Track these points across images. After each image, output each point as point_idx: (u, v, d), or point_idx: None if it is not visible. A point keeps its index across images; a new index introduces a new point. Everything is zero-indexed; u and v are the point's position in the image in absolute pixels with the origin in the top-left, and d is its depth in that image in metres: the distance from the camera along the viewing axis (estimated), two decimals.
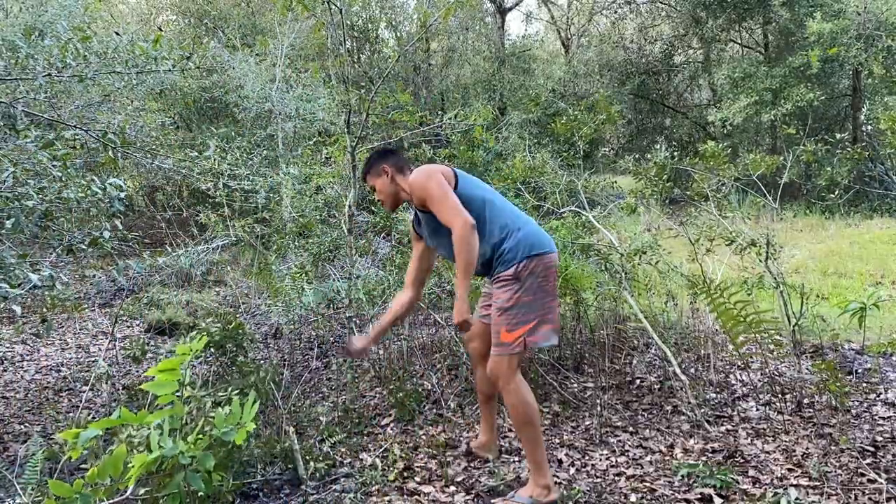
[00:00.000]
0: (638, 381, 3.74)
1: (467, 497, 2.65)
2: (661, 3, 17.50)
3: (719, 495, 2.53)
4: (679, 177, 8.35)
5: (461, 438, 3.21)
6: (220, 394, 2.73)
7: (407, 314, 3.01)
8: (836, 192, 10.46)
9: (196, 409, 2.41)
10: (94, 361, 4.86)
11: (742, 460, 2.83)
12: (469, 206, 2.51)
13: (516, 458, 2.98)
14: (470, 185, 2.63)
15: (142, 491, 2.17)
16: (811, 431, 3.07)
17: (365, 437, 3.29)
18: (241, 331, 3.57)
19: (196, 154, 4.34)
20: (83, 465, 2.74)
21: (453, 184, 2.57)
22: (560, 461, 2.93)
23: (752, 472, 2.71)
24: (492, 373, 2.57)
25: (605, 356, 3.94)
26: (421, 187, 2.53)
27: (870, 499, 2.46)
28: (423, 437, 3.26)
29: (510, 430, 3.26)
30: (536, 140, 13.54)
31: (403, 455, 3.01)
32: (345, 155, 5.88)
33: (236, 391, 2.76)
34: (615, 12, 18.55)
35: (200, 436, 2.16)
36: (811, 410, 3.31)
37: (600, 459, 2.93)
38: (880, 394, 3.52)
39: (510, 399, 2.54)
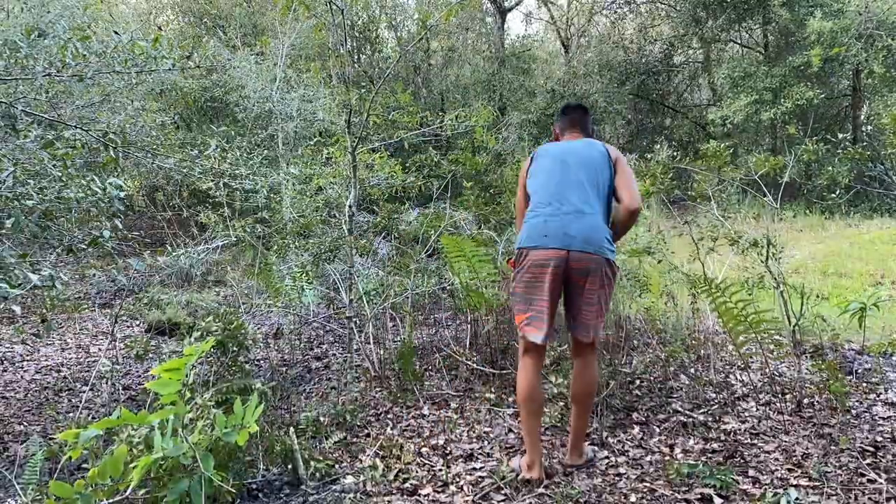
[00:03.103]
0: (638, 381, 3.74)
1: (467, 497, 2.65)
2: (661, 3, 17.49)
3: (719, 495, 2.53)
4: (679, 177, 8.35)
5: (462, 439, 3.21)
6: (223, 394, 2.73)
7: None
8: (837, 192, 10.46)
9: (198, 409, 2.41)
10: (94, 361, 4.86)
11: (742, 460, 2.83)
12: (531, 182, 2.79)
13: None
14: (539, 166, 2.80)
15: (142, 491, 2.17)
16: (811, 431, 3.07)
17: (365, 438, 3.29)
18: (242, 330, 3.57)
19: (196, 154, 4.35)
20: (84, 465, 2.74)
21: (528, 164, 2.85)
22: (560, 461, 2.93)
23: (752, 472, 2.71)
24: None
25: (605, 355, 3.94)
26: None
27: (870, 499, 2.46)
28: (424, 437, 3.26)
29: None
30: (536, 140, 13.54)
31: (403, 455, 3.01)
32: (345, 155, 5.89)
33: (237, 392, 2.76)
34: (615, 12, 18.55)
35: (202, 436, 2.16)
36: (811, 410, 3.31)
37: (600, 459, 2.93)
38: (880, 394, 3.52)
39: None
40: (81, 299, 6.66)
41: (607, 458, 2.94)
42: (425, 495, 2.67)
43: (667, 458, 2.91)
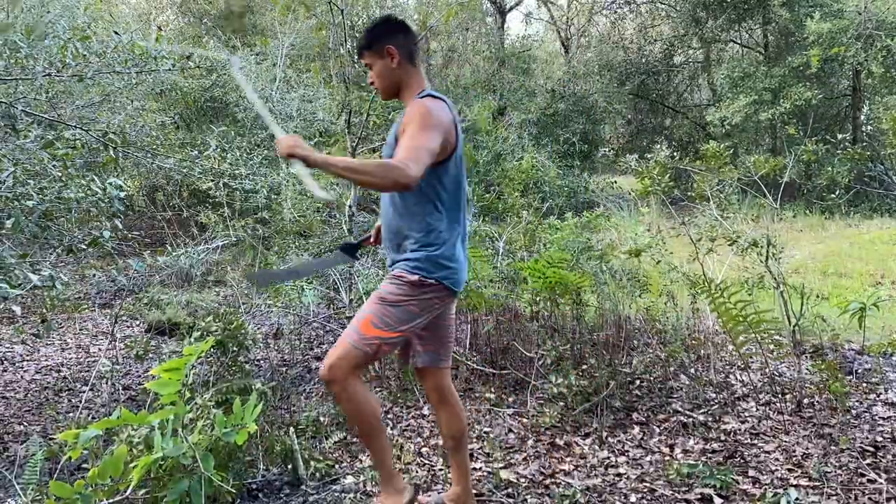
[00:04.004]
0: (638, 381, 3.74)
1: None
2: (661, 3, 17.50)
3: (719, 495, 2.53)
4: (679, 177, 8.35)
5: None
6: (223, 394, 2.73)
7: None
8: (837, 192, 10.47)
9: (198, 410, 2.41)
10: (94, 361, 4.86)
11: (742, 460, 2.83)
12: (442, 183, 2.13)
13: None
14: (455, 167, 2.18)
15: (142, 491, 2.17)
16: (811, 431, 3.07)
17: None
18: (242, 330, 3.57)
19: (196, 154, 4.35)
20: (84, 465, 2.74)
21: (451, 150, 2.14)
22: (561, 461, 2.93)
23: (752, 472, 2.71)
24: (327, 358, 2.12)
25: (605, 355, 3.94)
26: (414, 116, 2.05)
27: (870, 499, 2.46)
28: (424, 437, 3.26)
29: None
30: (535, 140, 13.54)
31: (403, 455, 3.01)
32: (345, 155, 5.89)
33: (237, 392, 2.76)
34: (615, 12, 18.55)
35: (202, 436, 2.16)
36: (811, 410, 3.31)
37: (600, 459, 2.93)
38: (880, 394, 3.52)
39: (346, 406, 2.13)
40: (81, 299, 6.66)
41: (607, 458, 2.95)
42: (425, 495, 2.67)
43: (667, 458, 2.91)
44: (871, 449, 2.86)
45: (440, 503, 2.44)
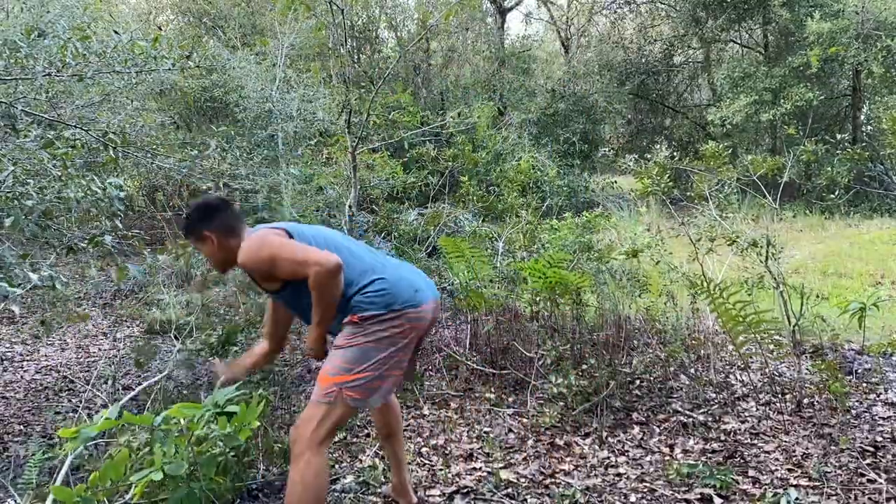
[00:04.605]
0: (638, 381, 3.74)
1: (466, 498, 2.65)
2: (661, 3, 17.49)
3: (719, 495, 2.53)
4: (679, 177, 8.35)
5: (462, 439, 3.21)
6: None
7: (265, 364, 2.59)
8: (836, 192, 10.46)
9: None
10: (94, 361, 4.86)
11: (742, 460, 2.83)
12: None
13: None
14: (309, 237, 2.18)
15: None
16: (811, 431, 3.07)
17: (365, 438, 3.29)
18: (242, 331, 3.57)
19: (196, 154, 4.34)
20: (84, 466, 2.74)
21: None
22: (561, 461, 2.93)
23: (752, 472, 2.71)
24: (294, 427, 2.11)
25: (605, 355, 3.94)
26: (255, 260, 2.11)
27: (870, 499, 2.46)
28: (424, 437, 3.26)
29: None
30: (535, 140, 13.54)
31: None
32: (345, 155, 5.89)
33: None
34: (615, 12, 18.54)
35: (202, 445, 2.15)
36: (811, 410, 3.31)
37: (600, 459, 2.93)
38: (880, 394, 3.52)
39: (295, 472, 2.05)
40: (81, 299, 6.65)
41: (607, 458, 2.95)
42: (425, 495, 2.67)
43: (667, 458, 2.91)
44: (871, 449, 2.86)
45: (387, 495, 2.64)
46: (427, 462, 2.99)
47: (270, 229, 2.18)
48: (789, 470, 2.72)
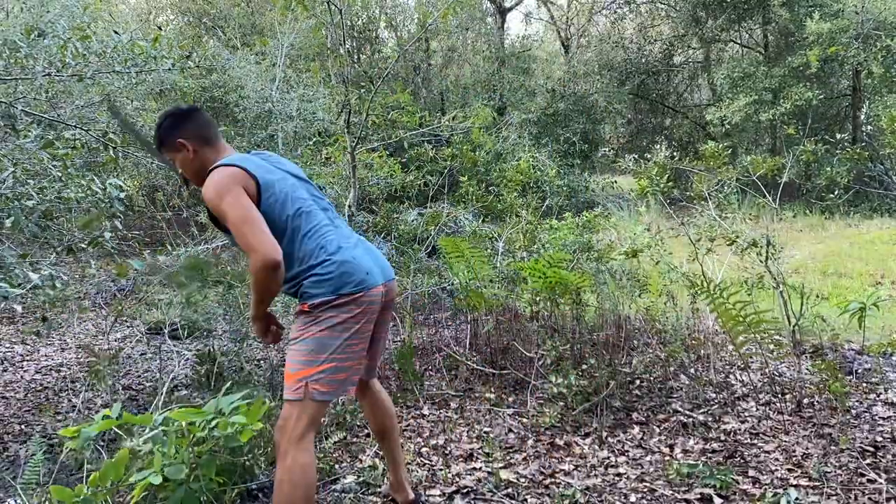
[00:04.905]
0: (638, 381, 3.74)
1: (466, 498, 2.65)
2: (661, 3, 17.49)
3: (719, 495, 2.53)
4: (678, 177, 8.35)
5: (462, 439, 3.21)
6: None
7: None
8: (836, 192, 10.47)
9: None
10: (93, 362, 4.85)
11: (742, 460, 2.83)
12: (271, 228, 2.02)
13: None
14: (275, 197, 2.09)
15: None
16: (811, 431, 3.07)
17: (365, 438, 3.29)
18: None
19: None
20: (87, 466, 2.74)
21: (255, 195, 2.06)
22: (561, 461, 2.93)
23: (752, 472, 2.71)
24: (276, 427, 2.09)
25: (605, 355, 3.94)
26: (210, 200, 2.03)
27: (870, 499, 2.46)
28: (424, 437, 3.26)
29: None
30: (535, 140, 13.55)
31: (403, 455, 3.00)
32: (345, 155, 5.89)
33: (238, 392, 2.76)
34: (615, 12, 18.54)
35: (202, 446, 2.15)
36: (811, 410, 3.31)
37: (600, 459, 2.93)
38: (880, 394, 3.52)
39: (281, 470, 2.01)
40: (81, 299, 6.65)
41: (607, 458, 2.95)
42: (425, 495, 2.67)
43: (667, 458, 2.91)
44: (871, 449, 2.86)
45: (386, 493, 2.64)
46: (427, 462, 2.99)
47: (240, 171, 2.06)
48: (789, 470, 2.72)
